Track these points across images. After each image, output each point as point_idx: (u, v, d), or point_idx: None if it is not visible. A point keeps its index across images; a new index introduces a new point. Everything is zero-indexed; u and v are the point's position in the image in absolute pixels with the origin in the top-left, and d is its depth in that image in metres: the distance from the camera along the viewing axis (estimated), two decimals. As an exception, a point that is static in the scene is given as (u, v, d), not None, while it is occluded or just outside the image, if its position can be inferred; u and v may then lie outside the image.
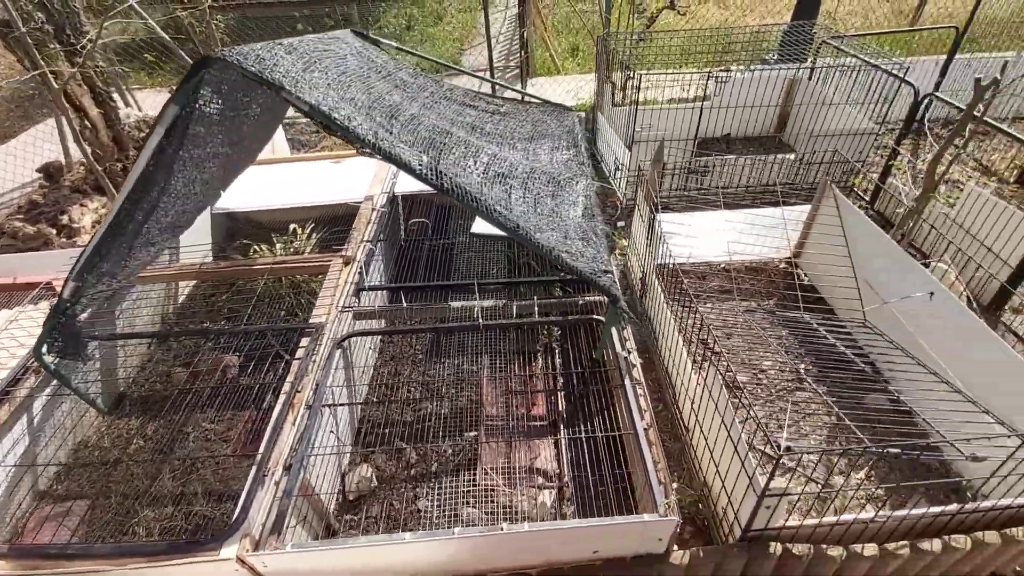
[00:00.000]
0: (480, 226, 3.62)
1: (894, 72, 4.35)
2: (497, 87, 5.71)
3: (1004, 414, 2.46)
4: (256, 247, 3.66)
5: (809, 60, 5.75)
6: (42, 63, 3.47)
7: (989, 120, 3.72)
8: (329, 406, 2.48)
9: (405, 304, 2.92)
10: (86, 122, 4.12)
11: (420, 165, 2.01)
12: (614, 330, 2.74)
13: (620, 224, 4.82)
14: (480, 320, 2.74)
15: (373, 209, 3.70)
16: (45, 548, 1.81)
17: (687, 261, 4.16)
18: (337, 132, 1.88)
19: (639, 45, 6.67)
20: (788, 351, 3.47)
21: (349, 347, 2.84)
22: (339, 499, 2.60)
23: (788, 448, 1.93)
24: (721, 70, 4.52)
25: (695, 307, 2.67)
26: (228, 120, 2.14)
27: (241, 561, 1.79)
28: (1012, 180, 5.07)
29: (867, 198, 4.89)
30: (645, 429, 2.26)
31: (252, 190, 4.11)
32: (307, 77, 2.07)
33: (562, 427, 2.92)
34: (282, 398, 2.34)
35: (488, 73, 6.07)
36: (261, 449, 2.13)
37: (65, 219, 4.19)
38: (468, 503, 2.59)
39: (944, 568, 2.26)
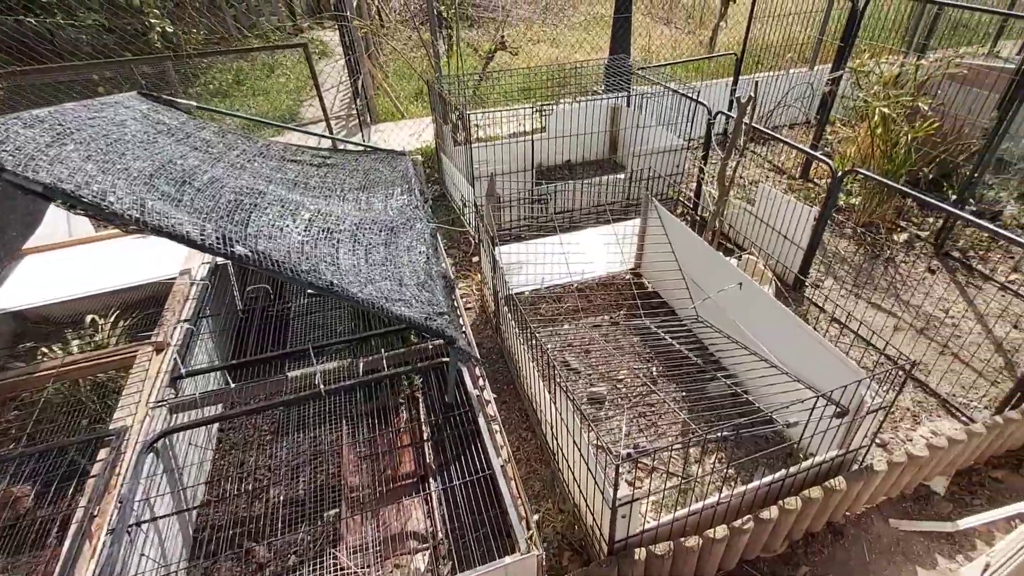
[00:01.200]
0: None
1: (689, 95, 5.03)
2: (322, 139, 5.61)
3: (812, 380, 2.85)
4: (45, 349, 3.12)
5: (625, 89, 6.45)
6: None
7: (764, 129, 4.42)
8: (140, 524, 2.13)
9: (232, 385, 2.66)
10: None
11: (203, 236, 1.85)
12: (465, 369, 2.73)
13: (475, 259, 4.92)
14: (322, 386, 2.57)
15: (192, 283, 3.37)
16: None
17: (542, 286, 4.34)
18: (87, 212, 1.67)
19: (480, 85, 7.02)
20: (639, 357, 3.72)
21: (167, 447, 2.50)
22: (172, 632, 2.23)
23: (628, 455, 2.03)
24: (544, 104, 4.89)
25: (534, 334, 2.76)
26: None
27: None
28: (797, 175, 6.06)
29: (691, 206, 5.53)
30: (502, 466, 2.24)
31: (42, 282, 3.53)
32: (51, 152, 1.83)
33: (431, 480, 2.81)
34: (73, 528, 1.97)
35: (324, 125, 5.95)
36: (40, 602, 1.75)
37: None
38: (333, 593, 2.36)
39: (787, 528, 2.51)
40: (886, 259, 4.71)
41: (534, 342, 2.71)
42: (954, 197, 4.86)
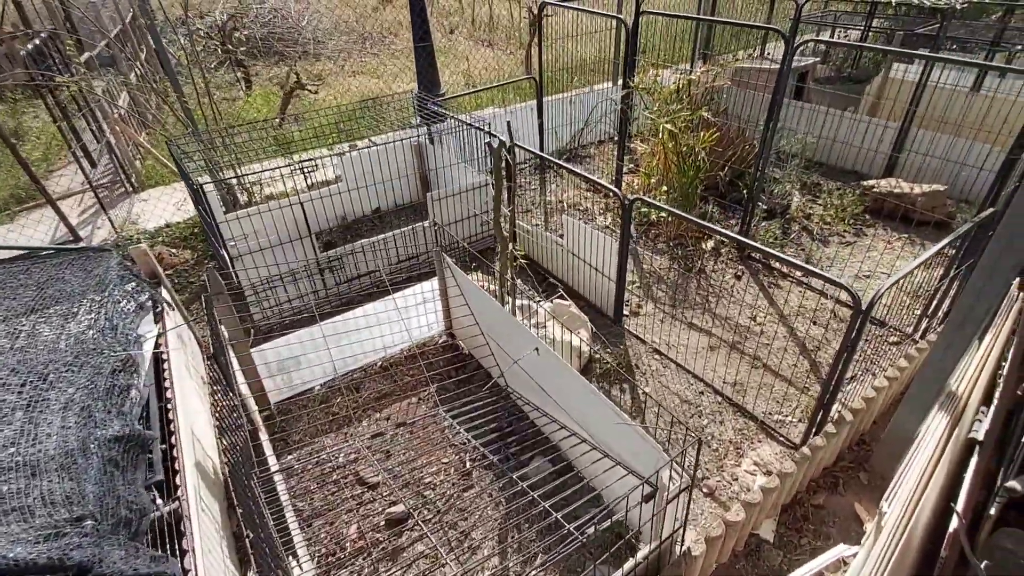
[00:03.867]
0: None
1: (477, 126, 4.71)
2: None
3: (623, 457, 2.50)
4: None
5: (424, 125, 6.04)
6: None
7: (556, 160, 4.20)
8: None
9: None
10: None
11: None
12: None
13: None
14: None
15: None
16: None
17: (337, 375, 3.66)
18: None
19: (264, 135, 6.16)
20: (452, 447, 3.20)
21: None
22: None
23: None
24: (308, 160, 4.24)
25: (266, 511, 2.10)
26: None
27: None
28: (601, 211, 6.05)
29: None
30: None
31: None
32: None
33: None
34: None
35: (74, 200, 4.72)
36: None
37: None
38: None
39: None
40: (698, 271, 4.75)
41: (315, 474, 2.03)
42: (745, 196, 5.07)
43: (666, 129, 4.80)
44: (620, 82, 5.66)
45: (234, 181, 4.23)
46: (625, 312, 4.19)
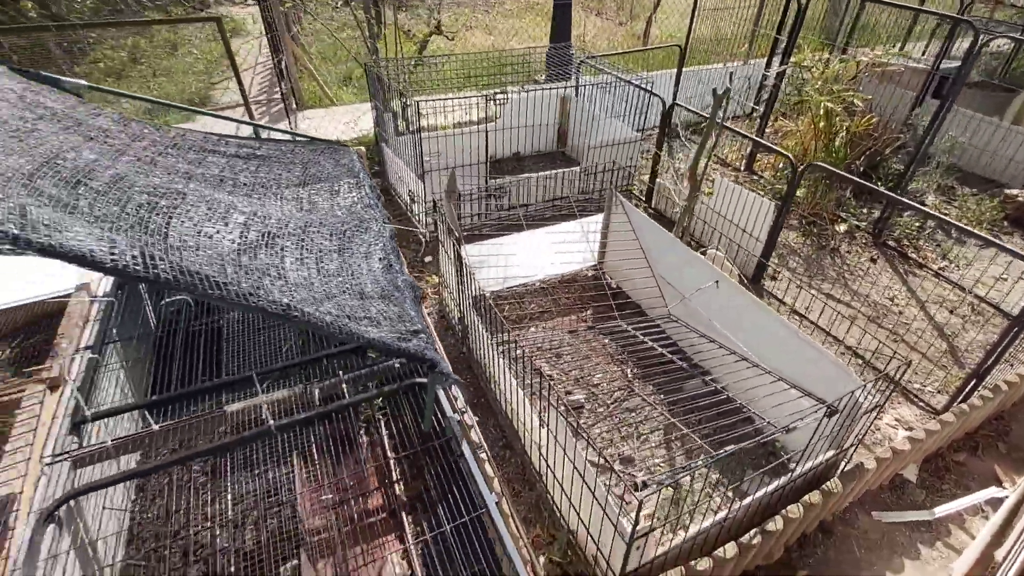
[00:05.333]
0: (256, 297, 2.99)
1: (644, 87, 4.94)
2: (250, 128, 5.01)
3: (797, 380, 2.81)
4: None
5: (573, 79, 6.30)
6: None
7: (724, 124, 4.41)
8: (41, 624, 1.67)
9: (155, 426, 2.20)
10: None
11: (114, 254, 1.43)
12: (440, 393, 2.44)
13: (427, 259, 4.58)
14: (271, 421, 2.17)
15: (92, 300, 2.80)
16: None
17: (504, 287, 4.09)
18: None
19: (415, 70, 6.59)
20: (612, 359, 3.58)
21: (74, 512, 2.02)
22: None
23: (644, 484, 1.84)
24: (499, 92, 4.61)
25: (516, 339, 2.52)
26: None
27: None
28: (742, 168, 6.20)
29: (643, 199, 5.48)
30: (496, 502, 1.99)
31: None
32: None
33: (406, 517, 2.50)
34: (-59, 645, 1.49)
35: (243, 111, 5.31)
36: None
37: None
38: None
39: (787, 535, 2.45)
40: (831, 249, 4.89)
41: (519, 352, 2.47)
42: (886, 188, 5.12)
43: (824, 107, 4.88)
44: (755, 60, 5.72)
45: (418, 105, 4.65)
46: (764, 275, 4.41)
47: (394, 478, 2.67)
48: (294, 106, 6.91)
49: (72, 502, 1.97)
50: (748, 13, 8.39)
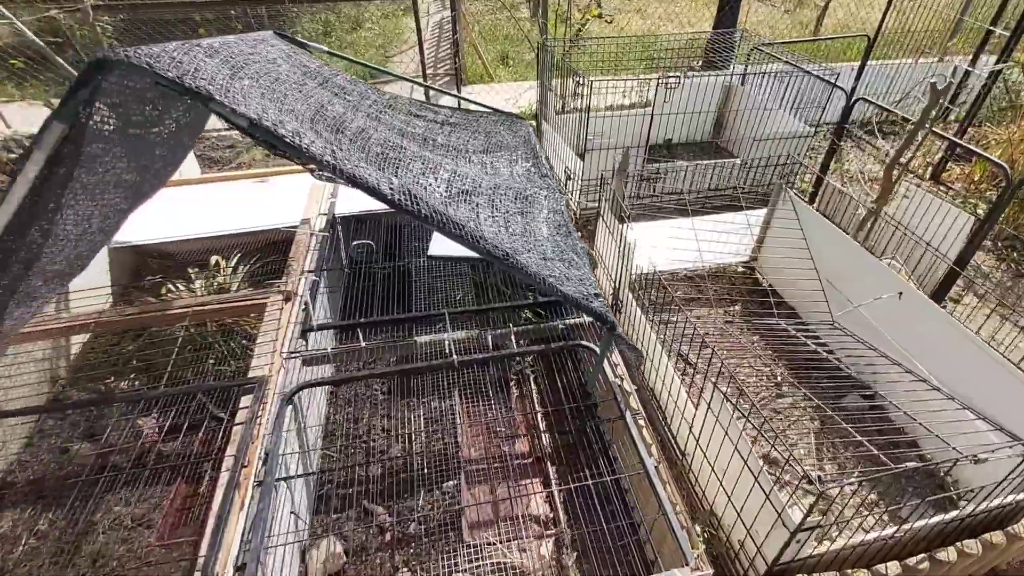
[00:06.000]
0: (439, 247, 3.31)
1: (826, 78, 4.55)
2: (436, 97, 5.42)
3: (978, 406, 2.52)
4: (170, 285, 3.12)
5: (740, 67, 5.96)
6: None
7: (944, 133, 3.94)
8: (285, 479, 2.07)
9: (364, 343, 2.56)
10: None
11: (391, 189, 1.70)
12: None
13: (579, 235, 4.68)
14: (455, 356, 2.44)
15: (312, 234, 3.29)
16: None
17: (652, 271, 4.08)
18: (285, 152, 1.53)
19: (570, 52, 6.65)
20: (760, 358, 3.45)
21: (299, 401, 2.44)
22: (301, 587, 2.20)
23: (819, 479, 1.81)
24: (672, 76, 4.52)
25: (681, 319, 2.54)
26: (133, 140, 1.71)
27: None
28: (926, 176, 5.49)
29: (805, 199, 5.09)
30: (655, 467, 2.07)
31: (160, 218, 3.53)
32: (237, 85, 1.70)
33: (550, 466, 2.67)
34: (224, 476, 1.92)
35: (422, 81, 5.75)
36: (203, 550, 1.70)
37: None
38: (457, 566, 2.27)
39: (957, 572, 2.25)
40: (1034, 278, 4.21)
41: (685, 332, 2.49)
42: None
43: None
44: (952, 57, 4.95)
45: (591, 85, 4.72)
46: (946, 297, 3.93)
47: (540, 428, 2.86)
48: (463, 80, 7.32)
49: (302, 392, 2.39)
50: (954, 3, 7.28)
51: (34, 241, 1.48)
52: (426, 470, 2.65)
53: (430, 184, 2.47)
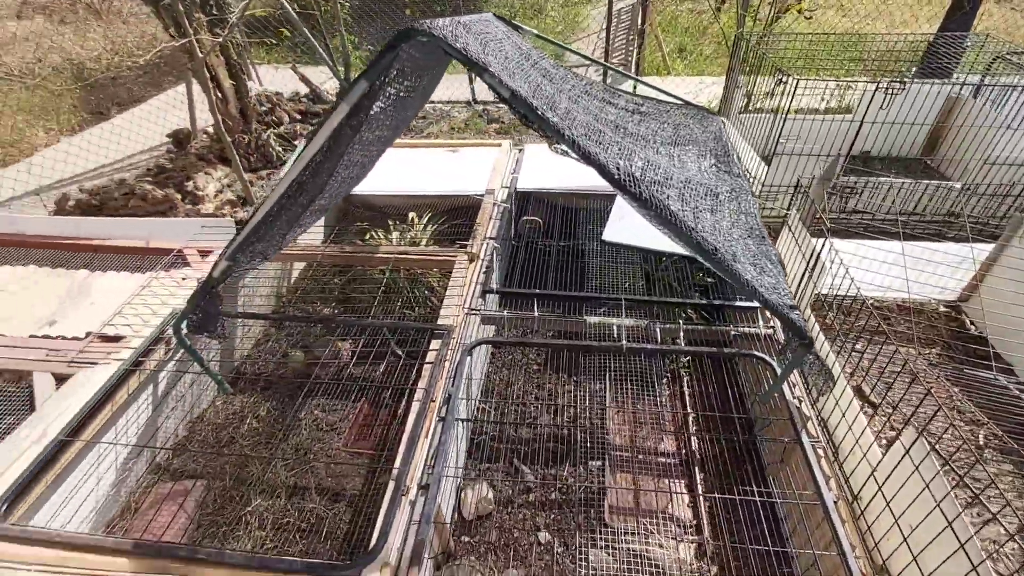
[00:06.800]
0: (614, 233, 3.31)
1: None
2: (615, 84, 5.35)
3: None
4: (373, 233, 3.52)
5: (972, 76, 5.02)
6: (190, 31, 3.46)
7: None
8: (462, 421, 2.26)
9: (537, 313, 2.66)
10: (218, 93, 4.13)
11: (617, 169, 1.72)
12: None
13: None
14: (624, 342, 2.44)
15: (495, 204, 3.47)
16: (174, 548, 1.69)
17: (853, 294, 3.67)
18: (533, 123, 1.63)
19: (761, 47, 6.10)
20: (959, 414, 2.95)
21: (474, 354, 2.62)
22: (455, 517, 2.39)
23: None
24: (895, 80, 3.96)
25: (871, 351, 2.25)
26: (399, 101, 1.94)
27: (381, 596, 1.59)
28: None
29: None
30: (835, 502, 1.88)
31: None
32: (493, 60, 1.83)
33: (697, 471, 2.58)
34: (416, 406, 2.14)
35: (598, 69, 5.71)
36: (398, 463, 1.93)
37: (190, 186, 4.25)
38: (595, 544, 2.31)
39: None
40: None
41: (883, 365, 2.21)
42: None
43: None
44: None
45: (796, 84, 4.31)
46: None
47: (691, 430, 2.76)
48: (640, 71, 7.14)
49: (478, 347, 2.56)
50: None
51: (320, 182, 1.75)
52: (572, 444, 2.71)
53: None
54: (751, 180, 4.39)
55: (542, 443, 2.73)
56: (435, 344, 2.43)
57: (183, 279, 2.90)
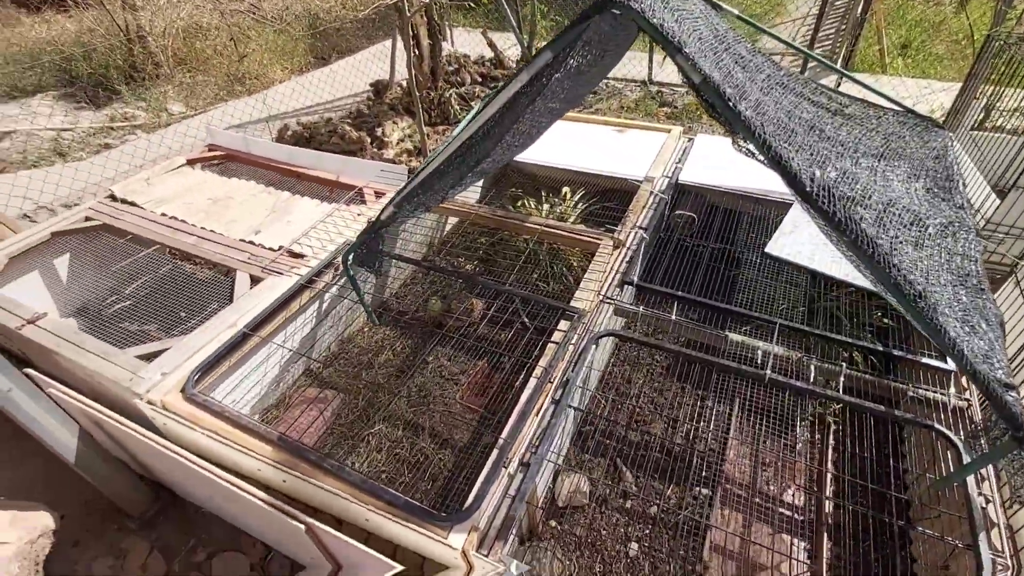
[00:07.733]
0: (780, 246, 2.89)
1: None
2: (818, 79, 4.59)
3: None
4: (526, 201, 3.53)
5: None
6: (401, -9, 3.69)
7: None
8: (574, 408, 2.19)
9: (675, 316, 2.45)
10: (416, 50, 4.40)
11: (811, 182, 1.44)
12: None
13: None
14: (768, 371, 2.13)
15: (652, 193, 3.24)
16: (307, 452, 1.90)
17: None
18: (721, 115, 1.42)
19: (1016, 52, 4.74)
20: None
21: (600, 344, 2.51)
22: (546, 498, 2.37)
23: None
24: None
25: None
26: (578, 75, 1.84)
27: (464, 555, 1.62)
28: None
29: None
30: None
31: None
32: (684, 39, 1.62)
33: (826, 541, 2.20)
34: (532, 383, 2.12)
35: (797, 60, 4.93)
36: (505, 433, 1.94)
37: (379, 132, 4.66)
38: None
39: None
40: None
41: None
42: None
43: None
44: None
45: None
46: None
47: (825, 491, 2.37)
48: (845, 66, 6.09)
49: (606, 339, 2.44)
50: None
51: (488, 147, 1.74)
52: (680, 462, 2.50)
53: (819, 181, 2.08)
54: (975, 215, 3.52)
55: (651, 452, 2.56)
56: (563, 325, 2.37)
57: (359, 215, 3.19)
